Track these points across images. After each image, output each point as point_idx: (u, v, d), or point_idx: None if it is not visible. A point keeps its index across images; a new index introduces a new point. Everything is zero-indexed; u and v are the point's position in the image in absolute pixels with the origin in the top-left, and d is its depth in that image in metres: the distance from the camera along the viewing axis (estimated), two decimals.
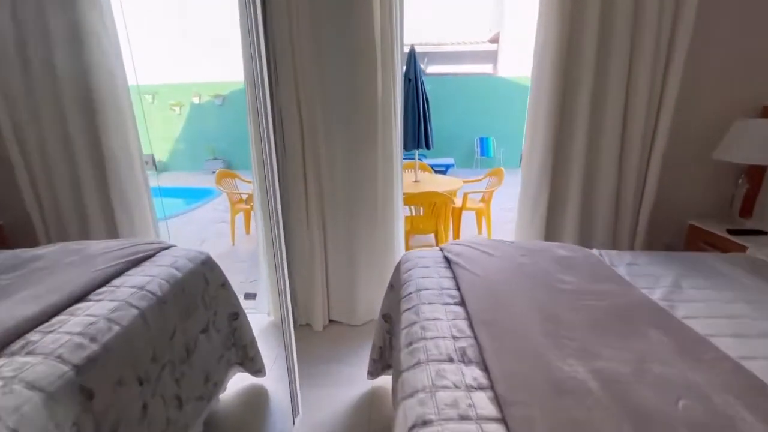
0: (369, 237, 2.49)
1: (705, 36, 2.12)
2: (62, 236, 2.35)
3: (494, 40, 10.69)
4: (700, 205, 2.44)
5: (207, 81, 8.08)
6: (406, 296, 1.34)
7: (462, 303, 1.24)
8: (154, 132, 8.42)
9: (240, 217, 4.34)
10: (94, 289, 1.38)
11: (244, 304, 2.94)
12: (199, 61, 7.68)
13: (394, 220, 2.55)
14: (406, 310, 1.25)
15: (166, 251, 1.72)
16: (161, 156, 8.59)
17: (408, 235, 3.60)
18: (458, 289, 1.33)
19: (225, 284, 1.85)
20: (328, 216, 2.46)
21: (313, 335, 2.55)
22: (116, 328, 1.19)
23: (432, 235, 3.84)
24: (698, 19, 2.02)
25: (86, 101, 2.16)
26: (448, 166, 8.28)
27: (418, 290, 1.34)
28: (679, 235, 2.47)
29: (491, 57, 10.68)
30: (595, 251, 1.70)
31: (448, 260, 1.59)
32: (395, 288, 1.74)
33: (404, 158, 2.59)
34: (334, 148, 2.29)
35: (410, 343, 1.07)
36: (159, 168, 8.48)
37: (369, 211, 2.43)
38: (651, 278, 1.44)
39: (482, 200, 4.44)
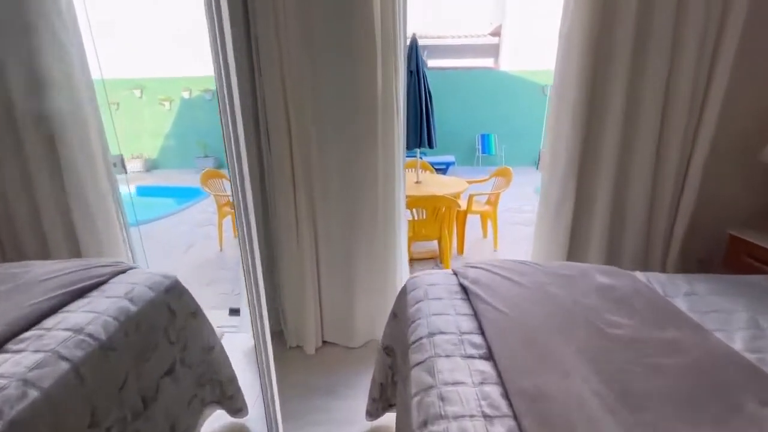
0: (368, 248, 2.20)
1: (754, 29, 1.83)
2: (17, 250, 2.04)
3: (495, 33, 10.36)
4: (740, 214, 2.15)
5: (197, 75, 7.72)
6: (416, 342, 1.05)
7: (489, 356, 0.96)
8: (143, 128, 8.07)
9: (228, 221, 4.04)
10: (20, 333, 1.08)
11: (228, 320, 2.68)
12: (188, 54, 7.32)
13: (396, 228, 2.26)
14: (418, 364, 0.97)
15: (122, 276, 1.42)
16: (151, 153, 8.24)
17: (410, 241, 3.31)
18: (482, 332, 1.05)
19: (196, 313, 1.56)
20: (320, 225, 2.17)
21: (305, 360, 2.26)
22: (34, 394, 0.90)
23: (434, 241, 3.56)
24: (747, 13, 1.74)
25: (38, 99, 1.85)
26: (448, 164, 7.98)
27: (431, 334, 1.05)
28: (717, 247, 2.19)
29: (492, 51, 10.35)
30: (639, 275, 1.42)
31: (464, 288, 1.30)
32: (399, 318, 1.46)
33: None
34: (328, 151, 2.00)
35: (425, 423, 0.78)
36: (148, 166, 8.14)
37: (368, 219, 2.15)
38: (720, 316, 1.16)
39: (488, 202, 4.15)
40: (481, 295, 1.18)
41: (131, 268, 1.50)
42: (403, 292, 1.43)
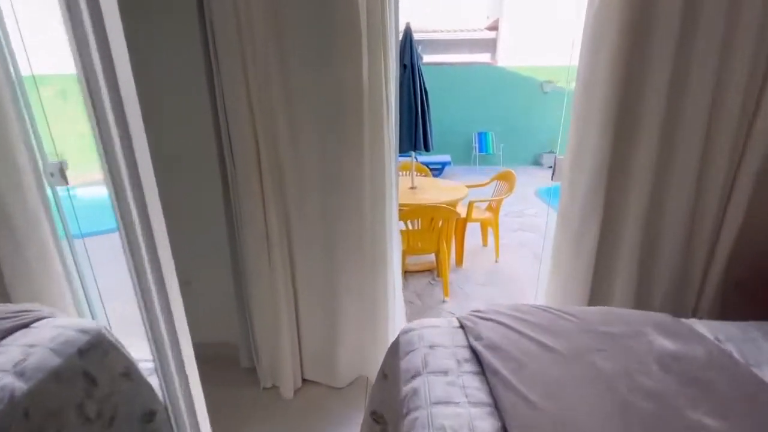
0: (354, 269, 1.87)
1: None
2: None
3: (492, 27, 10.02)
4: None
5: None
6: None
7: None
8: None
9: None
10: None
11: None
12: None
13: (387, 245, 1.92)
14: None
15: (20, 334, 1.07)
16: None
17: (403, 255, 2.98)
18: None
19: (130, 373, 1.22)
20: (297, 245, 1.84)
21: (281, 405, 1.92)
22: None
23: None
24: None
25: None
26: (444, 164, 7.66)
27: None
28: (761, 269, 1.87)
29: (489, 45, 10.01)
30: (701, 328, 1.10)
31: (475, 351, 0.97)
32: (390, 380, 1.13)
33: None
34: (304, 159, 1.66)
35: None
36: None
37: (353, 236, 1.82)
38: None
39: (489, 209, 3.83)
40: (501, 372, 0.85)
41: (40, 319, 1.15)
42: (395, 349, 1.10)
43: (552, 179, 1.93)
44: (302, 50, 1.51)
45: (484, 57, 10.13)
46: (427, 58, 9.91)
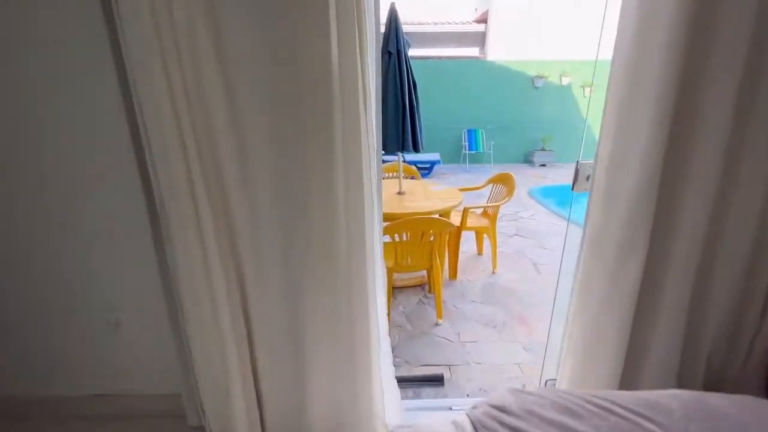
0: (325, 297, 1.47)
1: None
2: None
3: (481, 20, 9.65)
4: None
5: None
6: None
7: None
8: None
9: None
10: None
11: None
12: None
13: (367, 267, 1.49)
14: None
15: None
16: None
17: (390, 272, 2.59)
18: None
19: None
20: (249, 276, 1.43)
21: None
22: None
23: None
24: None
25: None
26: (433, 163, 7.29)
27: None
28: None
29: (478, 39, 9.64)
30: None
31: None
32: None
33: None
34: (253, 166, 1.25)
35: None
36: None
37: (323, 256, 1.40)
38: None
39: (485, 214, 3.46)
40: None
41: None
42: None
43: (573, 188, 1.56)
44: (244, 18, 1.10)
45: (472, 51, 9.76)
46: (412, 52, 9.51)
